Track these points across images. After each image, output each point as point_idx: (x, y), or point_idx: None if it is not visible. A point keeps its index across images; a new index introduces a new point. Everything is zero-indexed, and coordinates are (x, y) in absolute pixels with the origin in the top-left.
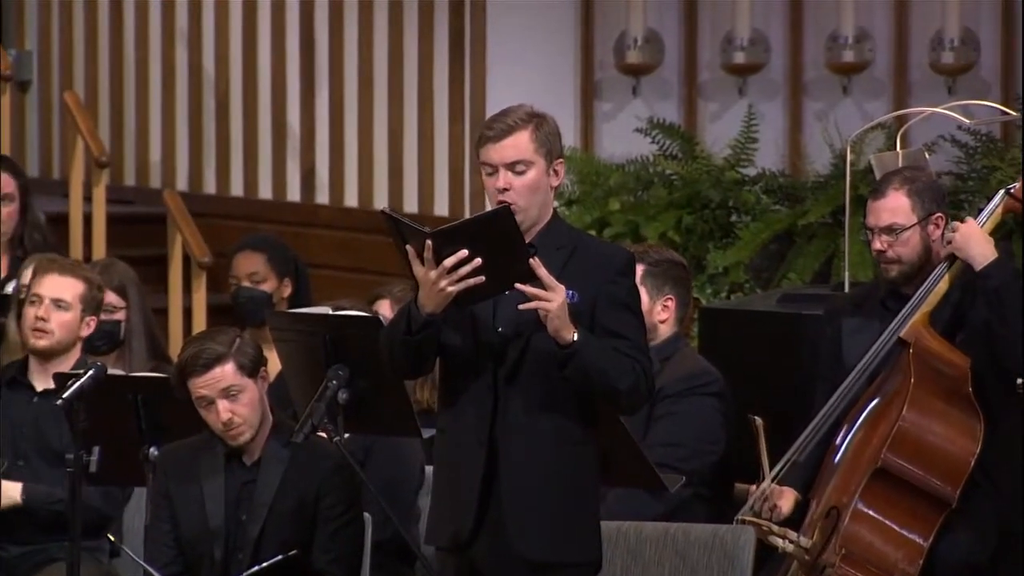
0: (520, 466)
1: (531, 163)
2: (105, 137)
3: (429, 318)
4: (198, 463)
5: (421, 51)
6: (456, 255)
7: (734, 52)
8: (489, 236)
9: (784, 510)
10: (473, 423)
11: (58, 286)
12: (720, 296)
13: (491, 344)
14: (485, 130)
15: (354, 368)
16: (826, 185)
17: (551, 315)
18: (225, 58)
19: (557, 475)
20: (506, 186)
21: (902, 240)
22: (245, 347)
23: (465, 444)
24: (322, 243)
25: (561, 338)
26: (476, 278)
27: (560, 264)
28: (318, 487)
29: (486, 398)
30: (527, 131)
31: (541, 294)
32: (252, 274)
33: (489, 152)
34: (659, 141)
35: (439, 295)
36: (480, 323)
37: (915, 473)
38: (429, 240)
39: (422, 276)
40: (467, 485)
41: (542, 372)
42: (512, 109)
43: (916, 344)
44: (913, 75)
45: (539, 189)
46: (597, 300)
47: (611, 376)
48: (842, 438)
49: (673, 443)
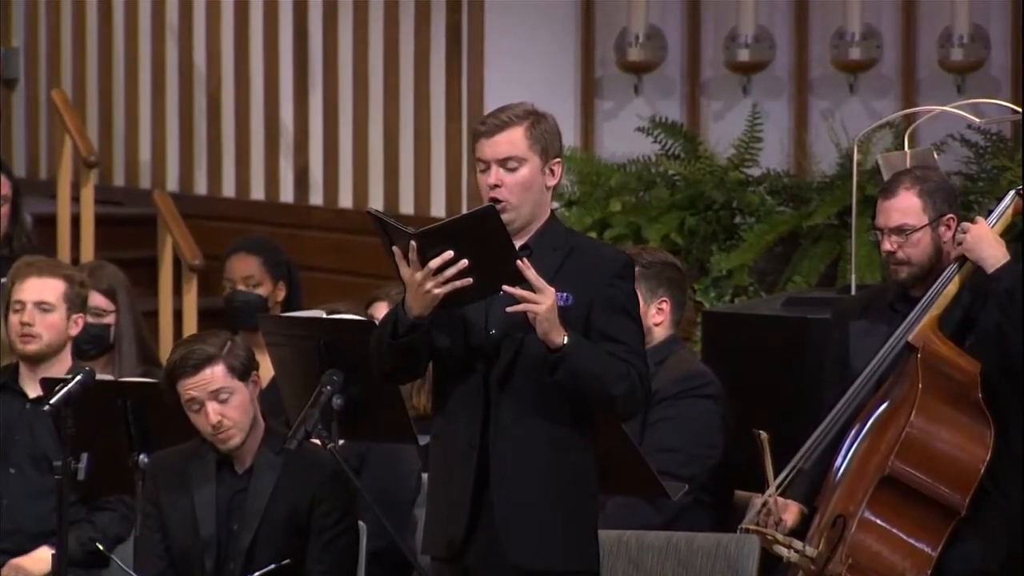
0: (512, 472)
1: (524, 160)
2: (93, 136)
3: (416, 321)
4: (188, 471)
5: (417, 48)
6: (441, 256)
7: (738, 49)
8: (475, 236)
9: (789, 524)
10: (464, 428)
11: (39, 289)
12: (723, 300)
13: (482, 347)
14: (479, 125)
15: (349, 373)
16: (832, 186)
17: (540, 318)
18: (217, 55)
19: (551, 482)
20: (497, 182)
21: (912, 241)
22: (236, 349)
23: (456, 449)
24: (316, 245)
25: (550, 341)
26: (463, 280)
27: (555, 266)
28: (312, 495)
29: (477, 402)
30: (521, 127)
31: (529, 296)
32: (247, 277)
33: (482, 147)
34: (661, 141)
35: (425, 297)
36: (472, 325)
37: (923, 481)
38: (413, 241)
39: (408, 278)
40: (459, 492)
41: (535, 376)
42: (510, 106)
43: (924, 349)
44: (921, 73)
45: (532, 187)
46: (593, 303)
47: (604, 381)
48: (848, 445)
49: (670, 448)
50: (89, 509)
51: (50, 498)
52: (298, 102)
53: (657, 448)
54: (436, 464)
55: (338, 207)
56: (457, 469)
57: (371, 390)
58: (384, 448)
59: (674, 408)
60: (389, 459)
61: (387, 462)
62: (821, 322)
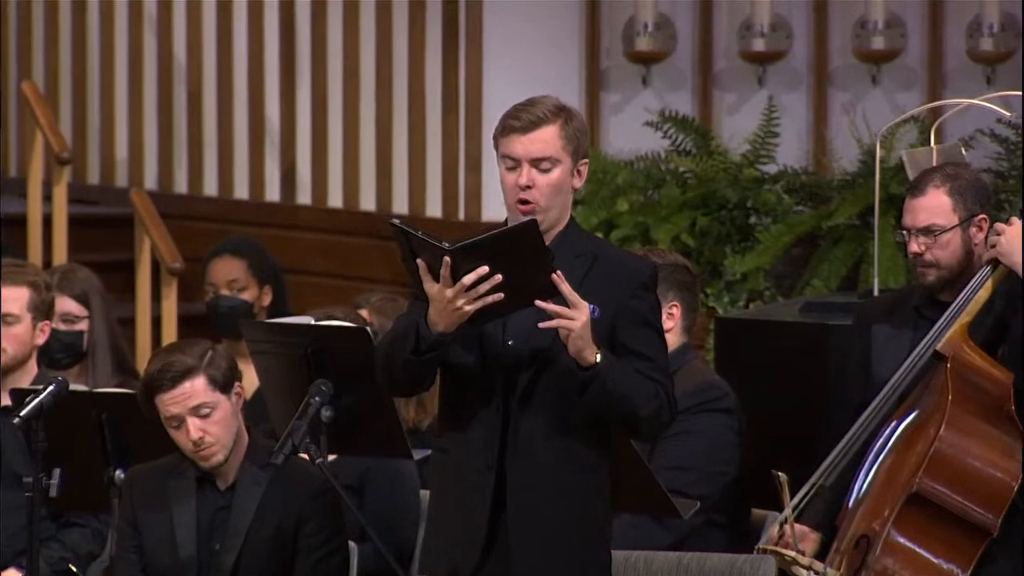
0: (530, 494)
1: (558, 161)
2: (67, 131)
3: (440, 338)
4: (167, 488)
5: (411, 38)
6: (476, 272)
7: (753, 38)
8: (512, 251)
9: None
10: (480, 447)
11: (2, 299)
12: (738, 305)
13: (500, 359)
14: (510, 119)
15: (339, 383)
16: (853, 184)
17: (573, 335)
18: (198, 45)
19: (569, 504)
20: (529, 183)
21: (941, 242)
22: (217, 360)
23: (472, 469)
24: (303, 247)
25: (583, 359)
26: (495, 295)
27: (580, 275)
28: (298, 513)
29: (495, 420)
30: (556, 125)
31: (564, 312)
32: (232, 281)
33: (513, 144)
34: (671, 136)
35: (454, 314)
36: (488, 336)
37: (953, 499)
38: (447, 257)
39: (436, 294)
40: (473, 514)
41: (556, 391)
42: (540, 99)
43: (954, 358)
44: (948, 64)
45: (563, 190)
46: (618, 316)
47: (634, 401)
48: (872, 460)
49: (682, 466)
50: (58, 526)
51: (19, 516)
52: (285, 95)
53: (667, 465)
54: (443, 482)
55: (327, 207)
56: (472, 491)
57: (362, 401)
58: (385, 466)
59: (686, 423)
60: (391, 478)
61: (390, 481)
62: (842, 329)
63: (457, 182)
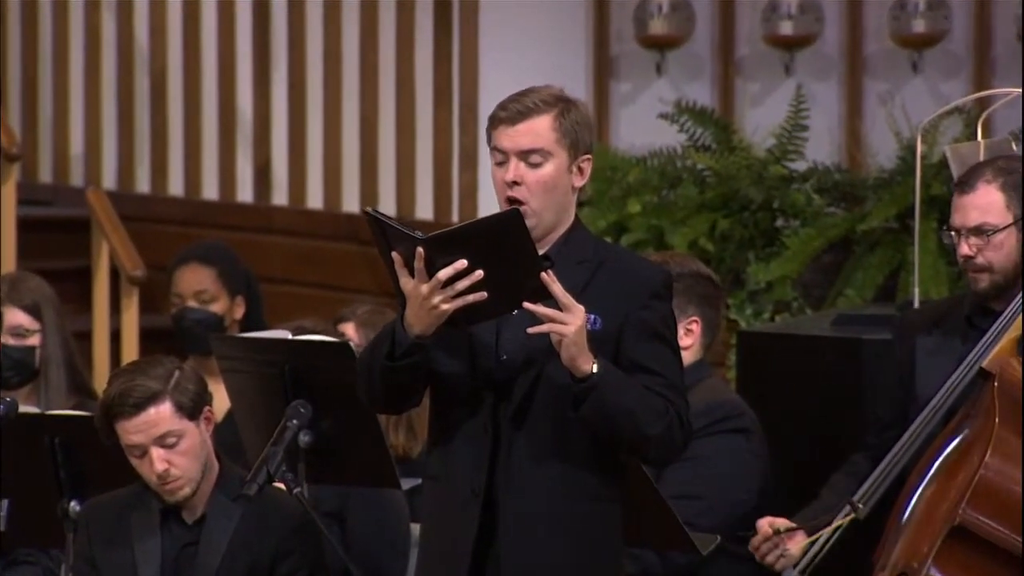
0: (522, 524)
1: (549, 154)
2: (16, 125)
3: (417, 341)
4: (128, 521)
5: (399, 21)
6: (453, 266)
7: (779, 21)
8: (494, 244)
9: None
10: (467, 470)
11: None
12: (762, 317)
13: (492, 373)
14: (499, 110)
15: (319, 405)
16: (891, 183)
17: (566, 341)
18: (162, 29)
19: (568, 537)
20: (516, 179)
21: (994, 243)
22: (185, 383)
23: (456, 495)
24: (279, 253)
25: (577, 369)
26: (476, 294)
27: (582, 282)
28: (274, 549)
29: (483, 440)
30: (549, 116)
31: (555, 315)
32: (200, 292)
33: (500, 136)
34: (688, 129)
35: (431, 313)
36: (480, 347)
37: (1000, 532)
38: (421, 247)
39: (411, 290)
40: (458, 545)
41: (555, 411)
42: (535, 89)
43: (1002, 376)
44: (996, 49)
45: (557, 188)
46: (624, 327)
47: (638, 418)
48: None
49: (690, 495)
50: (5, 564)
51: None
52: (258, 84)
53: (676, 494)
54: (431, 510)
55: (306, 208)
56: (457, 519)
57: (345, 425)
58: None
59: (697, 446)
60: (376, 503)
61: (374, 507)
62: (877, 344)
63: (450, 181)
